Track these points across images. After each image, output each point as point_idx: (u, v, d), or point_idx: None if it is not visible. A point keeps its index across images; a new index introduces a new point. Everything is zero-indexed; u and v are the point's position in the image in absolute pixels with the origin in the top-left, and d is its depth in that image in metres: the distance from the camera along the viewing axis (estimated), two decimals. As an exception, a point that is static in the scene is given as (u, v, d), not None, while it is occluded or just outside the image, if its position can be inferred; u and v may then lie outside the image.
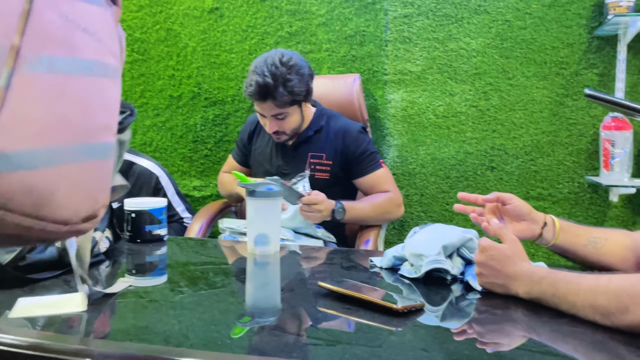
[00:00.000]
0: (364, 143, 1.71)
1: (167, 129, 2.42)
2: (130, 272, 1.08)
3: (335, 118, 1.78)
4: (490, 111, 2.05)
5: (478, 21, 2.03)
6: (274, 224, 1.19)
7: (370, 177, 1.72)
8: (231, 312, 0.83)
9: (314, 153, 1.72)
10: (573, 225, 1.03)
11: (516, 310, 0.82)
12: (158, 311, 0.81)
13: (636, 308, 0.68)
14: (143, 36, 2.40)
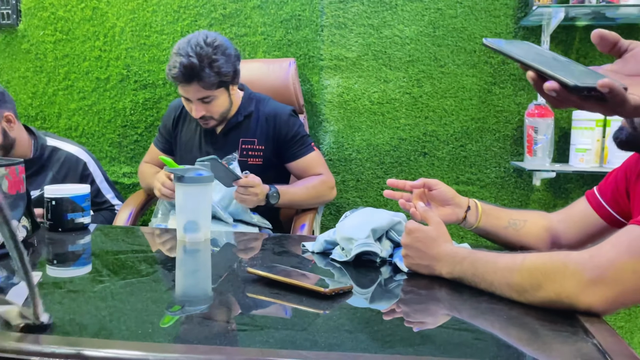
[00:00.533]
0: (295, 126, 1.71)
1: (94, 113, 2.31)
2: (51, 262, 1.02)
3: (264, 102, 1.75)
4: (423, 98, 2.10)
5: (411, 9, 2.06)
6: (205, 210, 1.17)
7: (303, 160, 1.71)
8: (160, 302, 0.80)
9: (245, 139, 1.69)
10: (494, 208, 1.07)
11: (440, 290, 0.85)
12: (79, 302, 0.78)
13: (548, 284, 0.72)
14: (67, 15, 2.27)
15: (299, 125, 1.72)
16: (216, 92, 1.59)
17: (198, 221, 1.14)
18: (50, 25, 2.29)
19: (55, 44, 2.30)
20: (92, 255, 1.08)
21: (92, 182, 1.80)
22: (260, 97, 1.77)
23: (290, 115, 1.72)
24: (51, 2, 2.27)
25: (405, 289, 0.88)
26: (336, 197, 2.16)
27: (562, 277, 0.71)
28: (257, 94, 1.78)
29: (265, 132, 1.69)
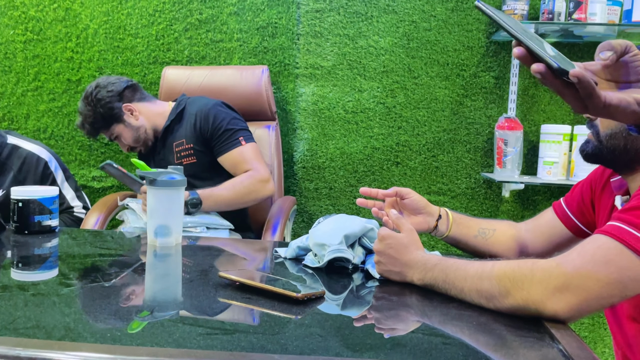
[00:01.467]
0: (219, 119, 1.69)
1: (64, 115, 2.27)
2: (16, 265, 1.00)
3: (194, 102, 1.78)
4: (397, 108, 2.13)
5: (386, 20, 2.10)
6: (176, 214, 1.15)
7: (229, 155, 1.68)
8: (129, 307, 0.79)
9: (177, 142, 1.73)
10: (464, 218, 1.09)
11: (411, 296, 0.86)
12: (44, 305, 0.76)
13: (516, 292, 0.74)
14: (39, 14, 2.23)
15: (223, 118, 1.69)
16: (113, 130, 1.76)
17: (169, 225, 1.13)
18: (21, 24, 2.24)
19: (25, 44, 2.25)
20: (59, 259, 1.05)
21: (53, 182, 1.75)
22: (192, 99, 1.80)
23: (213, 108, 1.71)
24: (22, 1, 2.22)
25: (377, 296, 0.89)
26: (309, 204, 2.17)
27: (530, 284, 0.72)
28: (190, 98, 1.81)
29: (191, 130, 1.71)
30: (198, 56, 2.19)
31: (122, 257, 1.11)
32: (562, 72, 0.58)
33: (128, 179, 1.50)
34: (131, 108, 1.75)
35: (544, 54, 0.59)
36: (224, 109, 1.72)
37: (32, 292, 0.81)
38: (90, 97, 1.72)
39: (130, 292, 0.86)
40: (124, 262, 1.05)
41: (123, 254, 1.14)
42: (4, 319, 0.71)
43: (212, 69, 2.06)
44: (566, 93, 0.61)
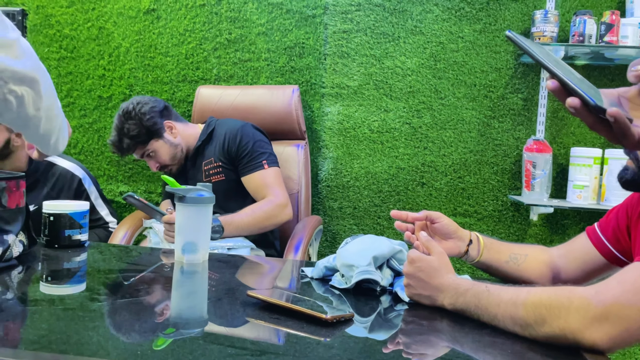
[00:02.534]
0: (245, 140, 1.72)
1: (94, 131, 2.31)
2: (46, 279, 1.01)
3: (223, 123, 1.82)
4: (422, 129, 2.12)
5: (414, 41, 2.10)
6: (204, 231, 1.16)
7: (252, 177, 1.71)
8: (154, 323, 0.79)
9: (205, 160, 1.76)
10: (495, 242, 1.07)
11: (441, 321, 0.84)
12: (74, 320, 0.76)
13: (553, 320, 0.71)
14: (73, 33, 2.29)
15: (249, 140, 1.72)
16: (151, 145, 1.76)
17: (197, 242, 1.14)
18: (56, 42, 2.31)
19: (59, 61, 2.31)
20: (88, 274, 1.06)
21: (87, 199, 1.79)
22: (221, 121, 1.84)
23: (242, 129, 1.74)
24: (58, 19, 2.29)
25: (406, 319, 0.87)
26: (333, 224, 2.16)
27: (567, 312, 0.70)
28: (219, 120, 1.85)
29: (220, 149, 1.74)
30: (226, 75, 2.22)
31: (149, 272, 1.11)
32: (599, 109, 0.57)
33: (149, 209, 1.50)
34: (171, 125, 1.79)
35: (579, 89, 0.58)
36: (251, 131, 1.74)
37: (62, 307, 0.82)
38: (134, 111, 1.74)
39: (157, 309, 0.86)
40: (151, 278, 1.06)
41: (151, 270, 1.15)
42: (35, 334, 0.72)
43: (244, 89, 2.08)
44: (600, 128, 0.60)
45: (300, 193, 1.98)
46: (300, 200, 1.98)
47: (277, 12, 2.17)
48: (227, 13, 2.20)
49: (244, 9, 2.19)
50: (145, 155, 1.79)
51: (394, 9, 2.10)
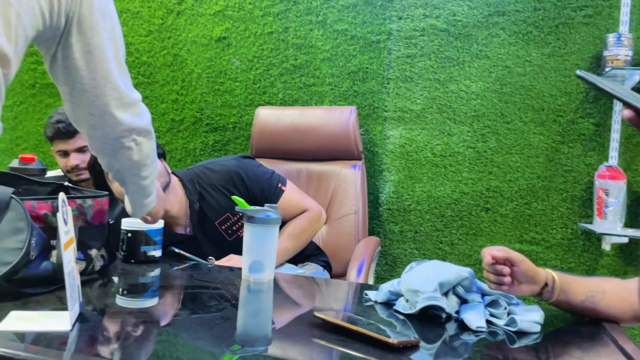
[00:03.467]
0: (250, 175, 1.58)
1: (166, 152, 2.43)
2: (122, 292, 1.07)
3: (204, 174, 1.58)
4: (487, 153, 2.08)
5: (479, 65, 2.08)
6: (270, 251, 1.19)
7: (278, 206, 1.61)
8: (222, 339, 0.82)
9: (218, 221, 1.57)
10: (571, 282, 1.03)
11: (509, 351, 0.82)
12: (148, 332, 0.81)
13: None
14: (150, 60, 2.44)
15: (254, 174, 1.58)
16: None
17: (263, 262, 1.17)
18: (134, 69, 2.46)
19: (136, 87, 2.46)
20: (162, 288, 1.12)
21: None
22: (195, 171, 1.61)
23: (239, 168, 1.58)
24: (137, 47, 2.45)
25: (474, 349, 0.86)
26: (393, 247, 2.15)
27: None
28: (190, 175, 1.59)
29: (229, 199, 1.52)
30: (291, 99, 2.28)
31: (217, 290, 1.15)
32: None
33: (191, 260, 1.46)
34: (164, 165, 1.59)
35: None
36: (246, 163, 1.62)
37: (138, 320, 0.87)
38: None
39: (224, 325, 0.89)
40: (220, 294, 1.10)
41: (219, 287, 1.19)
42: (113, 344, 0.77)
43: (302, 109, 2.14)
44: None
45: (358, 214, 1.99)
46: (358, 221, 1.99)
47: (341, 38, 2.22)
48: (293, 40, 2.27)
49: (309, 36, 2.25)
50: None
51: (458, 33, 2.10)
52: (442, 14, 2.11)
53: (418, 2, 2.14)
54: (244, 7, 2.32)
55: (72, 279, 0.79)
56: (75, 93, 0.87)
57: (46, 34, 0.81)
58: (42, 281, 0.96)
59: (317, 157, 2.09)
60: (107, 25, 0.87)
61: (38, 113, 2.59)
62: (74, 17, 0.82)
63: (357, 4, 2.20)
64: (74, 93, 0.87)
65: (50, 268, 0.97)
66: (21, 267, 0.93)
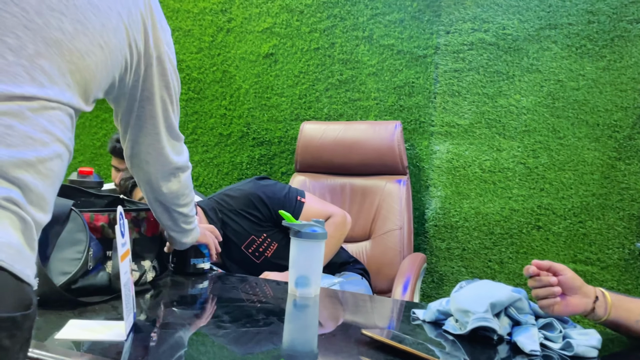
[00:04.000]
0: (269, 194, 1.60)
1: (214, 165, 2.49)
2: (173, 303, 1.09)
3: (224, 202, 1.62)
4: (539, 169, 2.02)
5: (529, 79, 2.04)
6: (316, 266, 1.19)
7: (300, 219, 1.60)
8: (269, 353, 0.82)
9: (244, 245, 1.60)
10: (624, 299, 0.98)
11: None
12: (197, 344, 0.82)
13: None
14: (200, 76, 2.51)
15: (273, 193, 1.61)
16: None
17: (309, 276, 1.17)
18: (185, 85, 2.54)
19: (186, 102, 2.54)
20: (211, 300, 1.14)
21: None
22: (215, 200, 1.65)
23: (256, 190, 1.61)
24: (187, 64, 2.53)
25: (527, 372, 0.83)
26: (440, 264, 2.12)
27: None
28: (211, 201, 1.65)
29: (251, 224, 1.59)
30: (336, 114, 2.29)
31: (264, 303, 1.16)
32: None
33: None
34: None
35: None
36: (261, 184, 1.64)
37: (189, 332, 0.88)
38: None
39: (272, 339, 0.90)
40: (266, 308, 1.11)
41: (265, 300, 1.20)
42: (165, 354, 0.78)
43: (347, 124, 2.14)
44: None
45: (404, 229, 1.97)
46: (404, 236, 1.96)
47: (387, 53, 2.22)
48: (339, 55, 2.29)
49: (355, 51, 2.26)
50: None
51: (508, 47, 2.06)
52: (491, 27, 2.08)
53: (466, 17, 2.11)
54: (291, 24, 2.36)
55: (128, 290, 0.82)
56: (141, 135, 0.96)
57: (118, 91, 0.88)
58: (98, 291, 0.99)
59: (362, 171, 2.08)
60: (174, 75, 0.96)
61: (94, 127, 2.71)
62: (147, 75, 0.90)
63: (404, 19, 2.20)
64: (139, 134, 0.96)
65: (106, 278, 1.00)
66: (79, 276, 0.96)
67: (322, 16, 2.31)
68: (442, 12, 2.15)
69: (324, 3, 2.31)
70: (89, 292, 0.98)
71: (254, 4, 2.42)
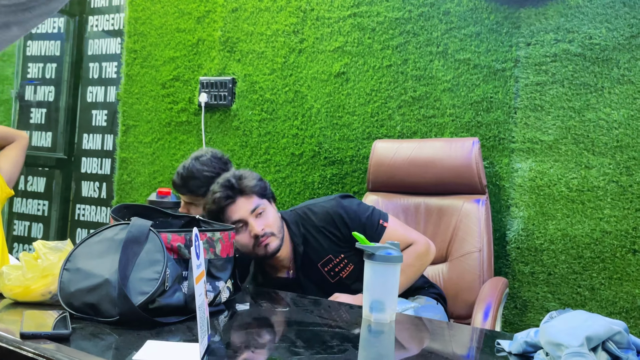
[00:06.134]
0: (351, 214, 1.56)
1: (286, 185, 2.50)
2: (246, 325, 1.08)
3: (306, 216, 1.59)
4: (634, 188, 1.86)
5: (621, 91, 1.89)
6: (391, 290, 1.15)
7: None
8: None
9: (320, 263, 1.55)
10: None
11: None
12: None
13: None
14: (272, 97, 2.55)
15: (355, 212, 1.56)
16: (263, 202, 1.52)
17: (384, 301, 1.12)
18: (258, 106, 2.59)
19: (260, 122, 2.58)
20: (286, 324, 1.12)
21: None
22: (298, 213, 1.61)
23: (339, 209, 1.56)
24: (261, 86, 2.58)
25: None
26: (523, 289, 1.99)
27: None
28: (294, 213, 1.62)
29: (330, 243, 1.55)
30: (410, 131, 2.24)
31: (338, 328, 1.13)
32: None
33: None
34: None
35: None
36: (345, 202, 1.60)
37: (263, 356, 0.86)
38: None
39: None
40: (341, 334, 1.07)
41: (339, 325, 1.16)
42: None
43: (421, 142, 2.08)
44: None
45: (483, 252, 1.87)
46: (483, 259, 1.86)
47: (463, 67, 2.15)
48: (412, 72, 2.24)
49: (429, 67, 2.21)
50: (253, 211, 1.49)
51: (596, 57, 1.93)
52: (576, 37, 1.96)
53: (548, 27, 2.00)
54: (362, 42, 2.35)
55: (202, 312, 0.81)
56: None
57: None
58: (174, 311, 1.00)
59: (437, 191, 2.01)
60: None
61: (173, 149, 2.82)
62: None
63: (481, 32, 2.12)
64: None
65: (183, 299, 1.01)
66: (157, 296, 0.98)
67: (394, 33, 2.28)
68: (521, 23, 2.05)
69: (396, 19, 2.28)
70: (165, 312, 0.99)
71: (326, 23, 2.43)
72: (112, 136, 3.06)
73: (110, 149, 3.06)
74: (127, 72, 2.94)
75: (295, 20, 2.50)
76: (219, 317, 1.09)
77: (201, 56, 2.74)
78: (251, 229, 1.47)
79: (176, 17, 2.81)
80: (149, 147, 2.88)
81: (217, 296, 1.10)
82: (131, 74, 2.93)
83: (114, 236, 1.03)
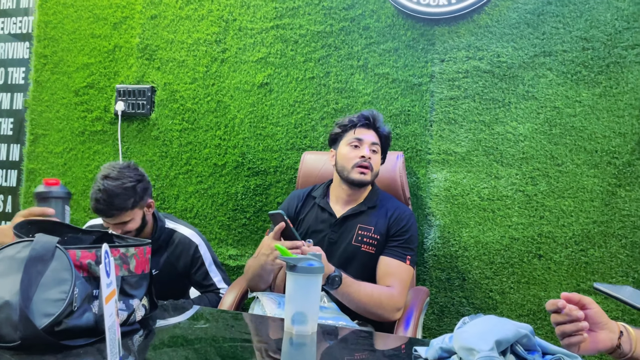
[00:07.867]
0: (407, 227, 1.69)
1: (208, 196, 2.45)
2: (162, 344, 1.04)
3: (389, 199, 1.79)
4: (538, 197, 1.99)
5: (526, 106, 2.03)
6: (313, 302, 1.15)
7: (388, 262, 1.62)
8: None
9: (362, 225, 1.69)
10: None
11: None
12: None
13: None
14: (194, 106, 2.50)
15: (408, 229, 1.69)
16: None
17: (306, 313, 1.12)
18: (179, 115, 2.52)
19: (181, 132, 2.51)
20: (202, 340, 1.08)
21: (202, 265, 1.86)
22: (385, 194, 1.81)
23: (411, 217, 1.72)
24: (182, 95, 2.51)
25: (538, 416, 0.78)
26: (440, 295, 2.06)
27: None
28: (382, 191, 1.82)
29: (383, 224, 1.69)
30: (332, 143, 2.27)
31: (259, 342, 1.11)
32: None
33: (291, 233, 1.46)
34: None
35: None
36: (415, 224, 1.74)
37: (181, 376, 0.83)
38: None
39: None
40: (262, 348, 1.05)
41: (259, 339, 1.15)
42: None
43: (346, 155, 2.11)
44: None
45: (405, 261, 1.92)
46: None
47: (382, 81, 2.21)
48: (334, 84, 2.28)
49: (350, 80, 2.26)
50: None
51: (503, 74, 2.06)
52: (485, 55, 2.08)
53: (460, 45, 2.12)
54: (285, 54, 2.36)
55: (112, 334, 0.77)
56: None
57: None
58: (84, 332, 0.94)
59: (360, 201, 2.04)
60: None
61: (87, 159, 2.67)
62: None
63: (399, 48, 2.20)
64: None
65: (93, 319, 0.95)
66: (64, 318, 0.92)
67: (316, 46, 2.31)
68: (436, 40, 2.15)
69: (318, 33, 2.31)
70: (74, 334, 0.93)
71: (249, 34, 2.42)
72: (18, 146, 2.86)
73: (16, 159, 2.86)
74: (36, 78, 2.77)
75: (217, 30, 2.47)
76: (133, 336, 1.04)
77: (118, 63, 2.63)
78: (362, 151, 1.74)
79: (91, 22, 2.68)
80: (60, 157, 2.72)
81: (132, 315, 1.05)
82: (40, 80, 2.76)
83: (15, 254, 0.96)
